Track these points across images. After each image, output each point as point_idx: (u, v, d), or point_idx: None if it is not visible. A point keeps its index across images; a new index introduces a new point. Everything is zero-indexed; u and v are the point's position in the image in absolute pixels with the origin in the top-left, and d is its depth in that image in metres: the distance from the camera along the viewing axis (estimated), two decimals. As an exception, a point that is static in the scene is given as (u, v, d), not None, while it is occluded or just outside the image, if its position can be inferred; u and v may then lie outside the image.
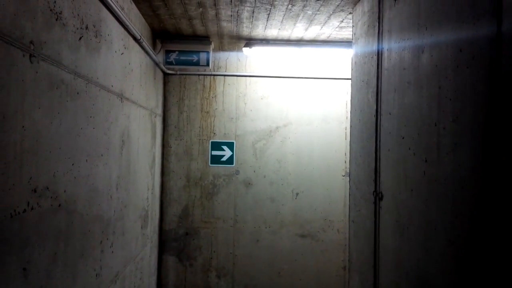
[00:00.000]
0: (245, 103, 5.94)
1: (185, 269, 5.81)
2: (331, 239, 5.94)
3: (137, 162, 4.37)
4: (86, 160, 2.84)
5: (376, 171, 3.33)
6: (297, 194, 5.94)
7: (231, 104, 5.93)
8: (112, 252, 3.50)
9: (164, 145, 5.86)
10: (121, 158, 3.71)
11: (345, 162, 5.96)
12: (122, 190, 3.80)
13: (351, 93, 4.15)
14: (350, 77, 6.06)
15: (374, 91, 3.42)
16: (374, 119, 3.41)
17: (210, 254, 5.85)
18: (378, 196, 3.31)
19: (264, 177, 5.91)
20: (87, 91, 2.84)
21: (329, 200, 5.95)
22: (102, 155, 3.16)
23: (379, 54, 3.35)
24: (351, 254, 4.08)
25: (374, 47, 3.47)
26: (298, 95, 5.98)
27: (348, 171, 5.84)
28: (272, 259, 5.88)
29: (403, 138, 2.84)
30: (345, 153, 5.96)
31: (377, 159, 3.34)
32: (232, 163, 5.89)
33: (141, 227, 4.68)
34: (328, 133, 5.98)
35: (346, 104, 5.99)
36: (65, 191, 2.48)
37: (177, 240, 5.83)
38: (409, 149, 2.72)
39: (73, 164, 2.60)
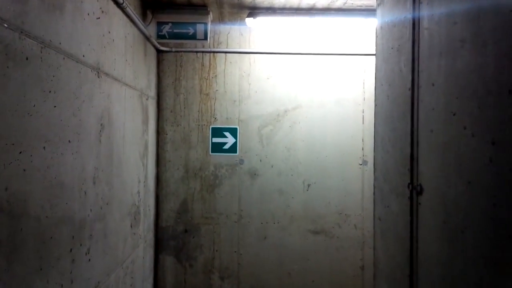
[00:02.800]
0: (249, 84, 5.27)
1: (185, 270, 5.21)
2: (347, 236, 5.30)
3: (123, 151, 3.74)
4: (44, 147, 2.20)
5: (413, 158, 2.67)
6: (308, 185, 5.29)
7: (233, 85, 5.27)
8: (89, 260, 2.88)
9: (159, 131, 5.22)
10: (99, 145, 3.07)
11: (363, 149, 5.29)
12: (103, 184, 3.17)
13: (376, 65, 3.46)
14: (368, 53, 5.39)
15: (409, 59, 2.74)
16: (409, 93, 2.73)
17: (212, 253, 5.23)
18: (415, 189, 2.65)
19: (272, 166, 5.27)
20: (43, 58, 2.19)
21: (344, 192, 5.30)
22: (70, 141, 2.53)
23: (415, 10, 2.66)
24: (378, 258, 3.43)
25: (407, 3, 2.78)
26: (309, 74, 5.30)
27: (365, 159, 5.18)
28: (281, 258, 5.26)
29: (454, 114, 2.17)
30: (362, 139, 5.29)
31: (413, 143, 2.67)
32: (236, 152, 5.25)
33: (131, 226, 4.06)
34: (343, 116, 5.30)
35: (364, 83, 5.30)
36: (6, 189, 1.85)
37: (175, 238, 5.22)
38: (465, 128, 2.06)
39: (20, 153, 1.96)
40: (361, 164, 5.30)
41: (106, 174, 3.26)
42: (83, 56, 2.74)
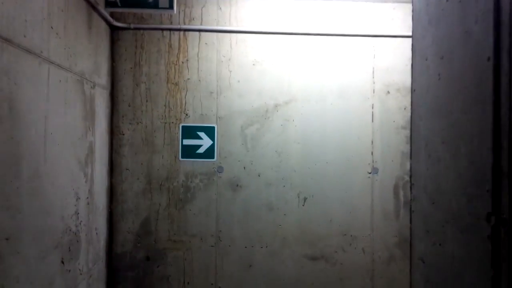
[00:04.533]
0: (231, 71, 4.16)
1: (146, 309, 4.06)
2: (354, 262, 4.22)
3: (45, 158, 2.58)
4: None
5: (498, 172, 1.59)
6: (304, 199, 4.20)
7: (210, 73, 4.15)
8: None
9: (113, 131, 4.06)
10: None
11: (372, 153, 4.22)
12: (-5, 210, 2.01)
13: (414, 31, 2.36)
14: (378, 33, 4.33)
15: (489, 9, 1.67)
16: (488, 65, 1.66)
17: (182, 287, 4.09)
18: (503, 225, 1.58)
19: (259, 175, 4.16)
20: None
21: (350, 207, 4.22)
22: None
23: None
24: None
25: None
26: (306, 60, 4.21)
27: (376, 166, 4.12)
28: (271, 292, 4.15)
29: None
30: (372, 141, 4.22)
31: (499, 147, 1.60)
32: (213, 157, 4.12)
33: (62, 262, 2.90)
34: (348, 113, 4.23)
35: (373, 71, 4.24)
36: None
37: (135, 267, 4.06)
38: None
39: None
40: (370, 173, 4.23)
41: (5, 194, 2.10)
42: None
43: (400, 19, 4.27)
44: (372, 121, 4.24)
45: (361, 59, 4.25)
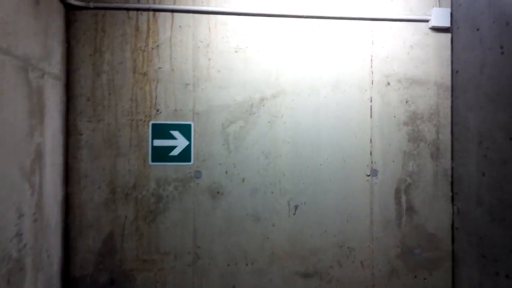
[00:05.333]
0: (209, 59, 3.56)
1: None
2: (352, 278, 3.71)
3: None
4: None
5: None
6: (296, 207, 3.65)
7: (185, 61, 3.53)
8: None
9: (69, 130, 3.39)
10: None
11: (371, 153, 3.72)
12: None
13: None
14: (378, 16, 3.82)
15: None
16: None
17: (154, 314, 3.47)
18: None
19: (243, 181, 3.58)
20: None
21: (346, 215, 3.71)
22: None
23: None
24: None
25: None
26: (295, 46, 3.66)
27: (375, 167, 3.62)
28: (259, 315, 3.59)
29: None
30: (371, 139, 3.72)
31: None
32: (189, 160, 3.52)
33: (-4, 300, 2.24)
34: (343, 107, 3.71)
35: (371, 60, 3.73)
36: None
37: (96, 293, 3.41)
38: None
39: None
40: (369, 175, 3.73)
41: None
42: None
43: (401, 1, 3.77)
44: (371, 116, 3.73)
45: (358, 46, 3.73)
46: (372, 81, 3.73)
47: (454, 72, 1.73)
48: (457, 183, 1.72)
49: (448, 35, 3.81)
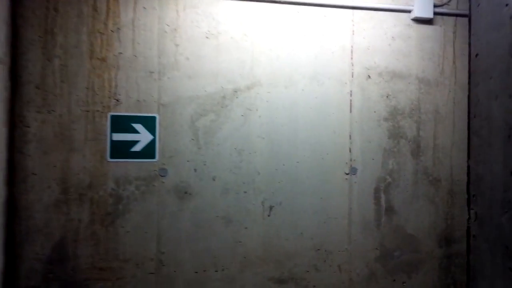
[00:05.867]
0: (177, 46, 3.22)
1: None
2: (329, 283, 3.47)
3: None
4: None
5: None
6: (270, 208, 3.38)
7: (150, 46, 3.18)
8: None
9: (15, 122, 2.97)
10: None
11: (350, 150, 3.49)
12: None
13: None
14: (359, 5, 3.60)
15: None
16: None
17: (113, 328, 3.11)
18: None
19: (213, 179, 3.27)
20: None
21: (324, 216, 3.47)
22: None
23: None
24: None
25: None
26: (272, 34, 3.38)
27: (354, 165, 3.42)
28: (229, 327, 3.29)
29: None
30: (350, 135, 3.49)
31: None
32: (154, 157, 3.17)
33: None
34: (322, 101, 3.46)
35: (352, 50, 3.50)
36: None
37: (46, 306, 3.01)
38: None
39: None
40: (347, 174, 3.50)
41: None
42: None
43: (384, -10, 3.56)
44: (350, 111, 3.50)
45: (338, 35, 3.48)
46: (353, 73, 3.50)
47: (472, 57, 1.51)
48: (475, 184, 1.48)
49: (431, 27, 3.63)
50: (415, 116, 3.61)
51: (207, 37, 3.25)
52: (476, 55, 1.45)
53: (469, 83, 1.38)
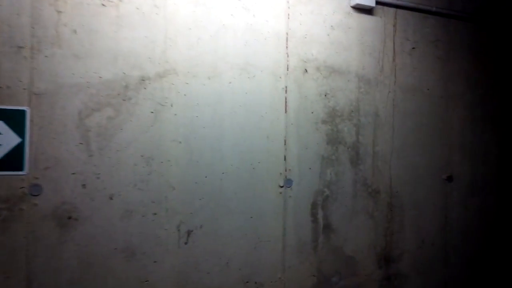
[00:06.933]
0: (60, 13, 2.30)
1: None
2: (260, 324, 2.81)
3: None
4: None
5: None
6: (188, 233, 2.61)
7: (18, 11, 2.22)
8: None
9: None
10: None
11: (285, 158, 2.88)
12: None
13: None
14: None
15: None
16: None
17: None
18: None
19: (111, 198, 2.40)
20: None
21: (255, 239, 2.80)
22: None
23: None
24: None
25: None
26: (192, 10, 2.63)
27: (290, 176, 2.83)
28: None
29: None
30: (285, 140, 2.89)
31: None
32: (21, 168, 2.21)
33: None
34: (254, 98, 2.80)
35: (287, 38, 2.91)
36: None
37: None
38: None
39: None
40: (282, 187, 2.88)
41: None
42: None
43: (324, -31, 3.04)
44: (286, 111, 2.90)
45: (271, 18, 2.86)
46: (288, 66, 2.90)
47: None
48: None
49: (372, 18, 3.21)
50: (355, 119, 3.14)
51: (103, 4, 2.39)
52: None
53: None
